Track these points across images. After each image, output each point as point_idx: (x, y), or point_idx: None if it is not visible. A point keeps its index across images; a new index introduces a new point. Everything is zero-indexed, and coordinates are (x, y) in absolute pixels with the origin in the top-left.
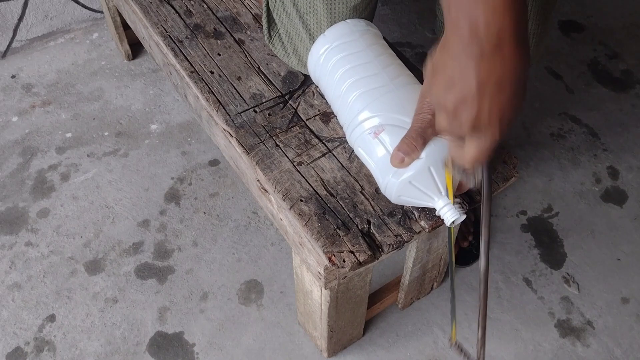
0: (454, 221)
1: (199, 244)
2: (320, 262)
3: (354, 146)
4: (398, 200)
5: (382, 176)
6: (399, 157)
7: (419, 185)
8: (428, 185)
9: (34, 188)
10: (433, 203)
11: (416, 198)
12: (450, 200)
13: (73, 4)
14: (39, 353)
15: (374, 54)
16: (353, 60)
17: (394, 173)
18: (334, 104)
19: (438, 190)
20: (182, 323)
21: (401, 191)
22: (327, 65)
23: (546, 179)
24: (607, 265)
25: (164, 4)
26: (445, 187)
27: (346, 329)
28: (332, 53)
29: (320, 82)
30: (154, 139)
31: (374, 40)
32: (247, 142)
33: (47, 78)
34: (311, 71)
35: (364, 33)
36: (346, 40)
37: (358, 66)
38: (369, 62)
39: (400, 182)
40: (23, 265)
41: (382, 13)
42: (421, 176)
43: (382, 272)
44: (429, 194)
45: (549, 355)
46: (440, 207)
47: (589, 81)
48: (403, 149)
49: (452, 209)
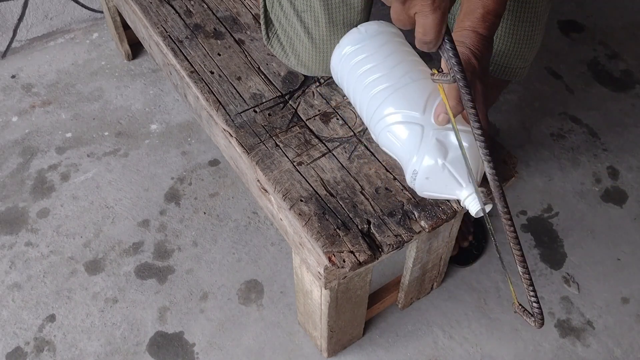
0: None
1: (199, 244)
2: (320, 262)
3: (379, 144)
4: (424, 195)
5: (405, 171)
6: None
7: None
8: (446, 180)
9: (34, 188)
10: (456, 195)
11: (439, 192)
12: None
13: (73, 4)
14: (39, 353)
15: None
16: (368, 61)
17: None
18: (356, 104)
19: (457, 182)
20: (182, 323)
21: (423, 187)
22: (346, 68)
23: (546, 179)
24: (607, 265)
25: (164, 4)
26: (464, 178)
27: (346, 329)
28: (350, 57)
29: (344, 85)
30: (154, 139)
31: (387, 39)
32: (247, 142)
33: (47, 78)
34: (335, 76)
35: (377, 34)
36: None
37: (372, 67)
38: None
39: (418, 178)
40: (23, 265)
41: (382, 13)
42: (437, 172)
43: (382, 272)
44: (449, 187)
45: (549, 355)
46: (464, 198)
47: (589, 81)
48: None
49: (476, 199)
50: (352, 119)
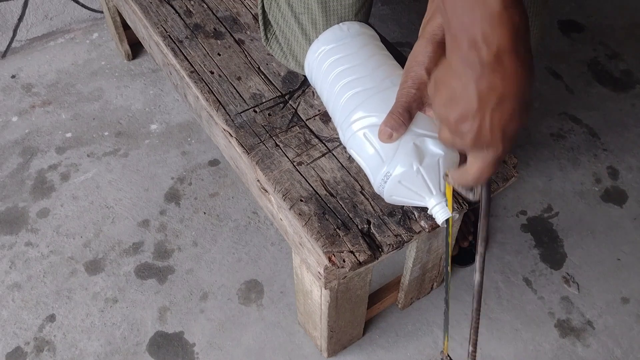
0: (446, 220)
1: (199, 244)
2: (320, 262)
3: (347, 147)
4: (391, 200)
5: (373, 176)
6: (387, 133)
7: (408, 185)
8: (418, 185)
9: (34, 188)
10: (424, 202)
11: (407, 197)
12: (449, 204)
13: (73, 4)
14: (39, 353)
15: (366, 55)
16: (346, 62)
17: (385, 174)
18: (328, 106)
19: (429, 189)
20: (182, 323)
21: (392, 191)
22: (321, 68)
23: (546, 179)
24: (607, 265)
25: (164, 4)
26: (436, 186)
27: (346, 329)
28: (326, 56)
29: (317, 85)
30: (154, 139)
31: (368, 41)
32: (247, 142)
33: (47, 78)
34: (308, 75)
35: (358, 35)
36: (340, 43)
37: (350, 68)
38: (361, 63)
39: (390, 182)
40: (23, 265)
41: (382, 13)
42: (410, 176)
43: (382, 272)
44: (419, 194)
45: (549, 355)
46: (431, 206)
47: (589, 81)
48: (390, 123)
49: (444, 208)
50: None
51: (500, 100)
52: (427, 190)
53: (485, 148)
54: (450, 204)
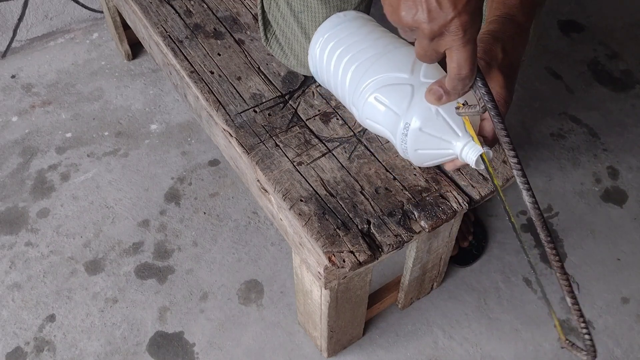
0: (480, 158)
1: (199, 244)
2: (320, 262)
3: (363, 121)
4: (418, 158)
5: (393, 135)
6: (438, 93)
7: (431, 131)
8: (441, 129)
9: (34, 188)
10: (451, 147)
11: (433, 147)
12: (475, 140)
13: (73, 4)
14: (39, 353)
15: (365, 32)
16: (345, 42)
17: (404, 126)
18: (337, 91)
19: (453, 131)
20: (182, 323)
21: (416, 144)
22: (323, 56)
23: (546, 179)
24: (607, 265)
25: (164, 4)
26: (461, 127)
27: (346, 329)
28: (326, 42)
29: (323, 75)
30: (154, 139)
31: (366, 23)
32: (247, 142)
33: (47, 78)
34: (312, 69)
35: (355, 19)
36: (337, 28)
37: (350, 45)
38: (361, 40)
39: (411, 133)
40: (23, 265)
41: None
42: (431, 121)
43: (382, 272)
44: (444, 139)
45: (549, 355)
46: (460, 148)
47: (589, 81)
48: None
49: (474, 146)
50: (352, 119)
51: None
52: (452, 132)
53: (447, 30)
54: (475, 138)
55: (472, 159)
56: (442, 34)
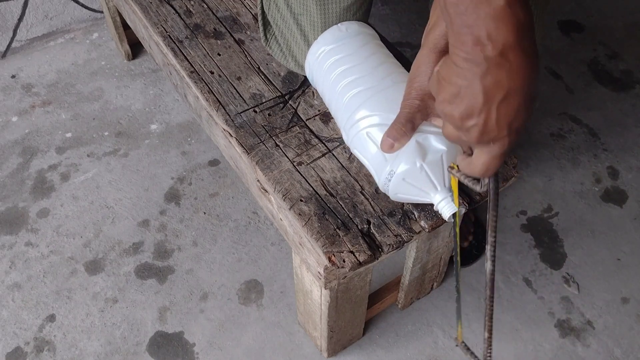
0: (453, 214)
1: (199, 244)
2: (320, 262)
3: (350, 147)
4: (397, 197)
5: (377, 175)
6: (389, 143)
7: (413, 182)
8: (422, 182)
9: (34, 188)
10: (429, 198)
11: (413, 195)
12: (455, 199)
13: (73, 4)
14: (39, 353)
15: (366, 54)
16: (346, 62)
17: (389, 172)
18: (330, 107)
19: (433, 185)
20: (182, 323)
21: (397, 189)
22: (322, 69)
23: (546, 179)
24: (607, 265)
25: (164, 4)
26: (441, 181)
27: (346, 329)
28: (326, 57)
29: (318, 86)
30: (154, 139)
31: (367, 40)
32: (247, 142)
33: (47, 78)
34: (309, 76)
35: (357, 34)
36: (339, 44)
37: (351, 68)
38: (361, 63)
39: (394, 180)
40: (23, 265)
41: (382, 13)
42: (414, 173)
43: (382, 272)
44: (424, 190)
45: (549, 355)
46: (437, 202)
47: (589, 81)
48: (392, 134)
49: (449, 203)
50: None
51: (506, 95)
52: (432, 186)
53: (492, 142)
54: (456, 197)
55: (446, 214)
56: (487, 143)
